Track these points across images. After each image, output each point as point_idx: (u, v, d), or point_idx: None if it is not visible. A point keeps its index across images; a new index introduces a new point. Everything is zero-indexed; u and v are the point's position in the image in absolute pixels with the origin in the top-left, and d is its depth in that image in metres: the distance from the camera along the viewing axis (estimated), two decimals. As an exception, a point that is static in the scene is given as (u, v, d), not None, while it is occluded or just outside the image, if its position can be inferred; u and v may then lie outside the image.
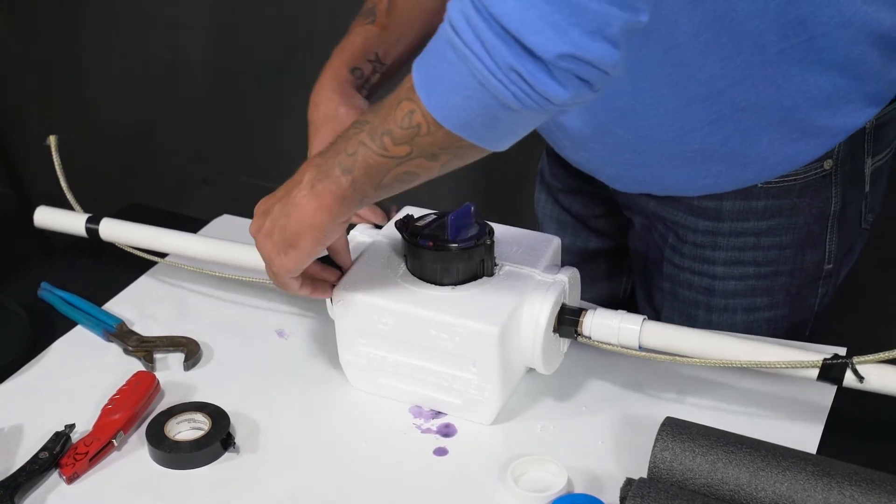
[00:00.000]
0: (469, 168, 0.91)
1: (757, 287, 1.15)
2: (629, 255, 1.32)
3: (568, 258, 1.29)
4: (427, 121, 0.84)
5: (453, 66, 0.80)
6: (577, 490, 0.94)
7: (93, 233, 1.27)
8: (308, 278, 1.01)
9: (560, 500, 0.91)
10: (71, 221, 1.28)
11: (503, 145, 0.86)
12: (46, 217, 1.30)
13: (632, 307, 1.27)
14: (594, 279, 1.35)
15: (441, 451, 1.00)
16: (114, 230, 1.26)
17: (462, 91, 0.81)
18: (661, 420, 0.93)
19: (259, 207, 0.98)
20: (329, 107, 1.09)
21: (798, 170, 1.07)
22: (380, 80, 1.15)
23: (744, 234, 1.12)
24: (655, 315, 1.25)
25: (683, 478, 0.89)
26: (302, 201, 0.92)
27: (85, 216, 1.27)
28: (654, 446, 0.91)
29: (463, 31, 0.78)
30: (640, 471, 0.93)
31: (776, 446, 0.90)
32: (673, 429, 0.92)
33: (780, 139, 1.04)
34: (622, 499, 0.89)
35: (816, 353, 0.94)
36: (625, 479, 0.91)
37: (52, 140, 1.30)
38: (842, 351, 1.06)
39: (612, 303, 1.22)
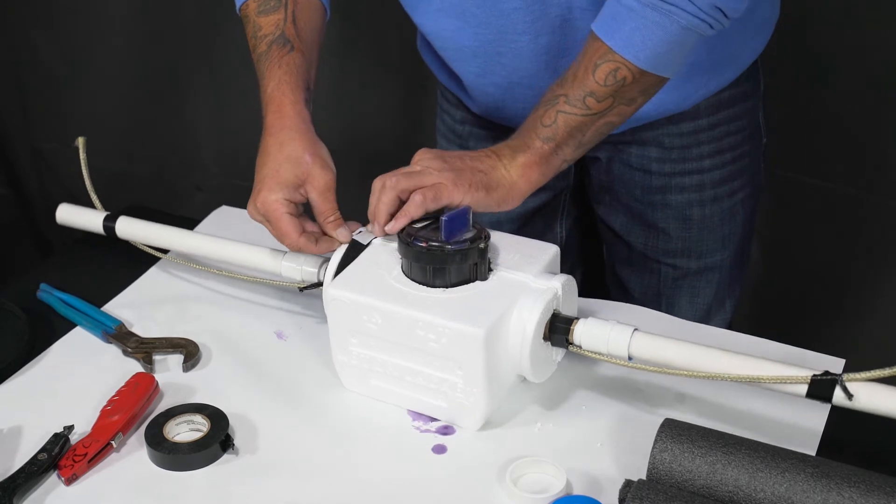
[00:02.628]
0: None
1: (734, 170, 1.32)
2: (563, 200, 1.43)
3: (508, 227, 1.36)
4: (633, 73, 1.03)
5: (657, 24, 1.00)
6: (576, 492, 0.94)
7: (110, 230, 1.28)
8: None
9: (559, 502, 0.91)
10: (89, 219, 1.30)
11: (677, 71, 1.07)
12: (68, 214, 1.32)
13: (573, 251, 1.47)
14: (532, 237, 1.40)
15: (440, 450, 1.00)
16: (130, 228, 1.27)
17: (668, 40, 1.01)
18: (660, 421, 0.93)
19: (427, 154, 1.06)
20: (295, 149, 1.10)
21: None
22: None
23: (719, 124, 1.29)
24: (647, 234, 1.36)
25: (682, 479, 0.89)
26: (508, 174, 1.06)
27: (103, 214, 1.29)
28: (653, 448, 0.91)
29: None
30: (639, 472, 0.93)
31: (775, 448, 0.90)
32: (672, 430, 0.92)
33: (747, 37, 1.25)
34: (621, 500, 0.89)
35: (808, 370, 0.93)
36: (624, 480, 0.91)
37: (80, 142, 1.32)
38: (839, 364, 1.07)
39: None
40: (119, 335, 1.16)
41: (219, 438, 1.00)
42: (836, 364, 1.08)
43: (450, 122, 1.41)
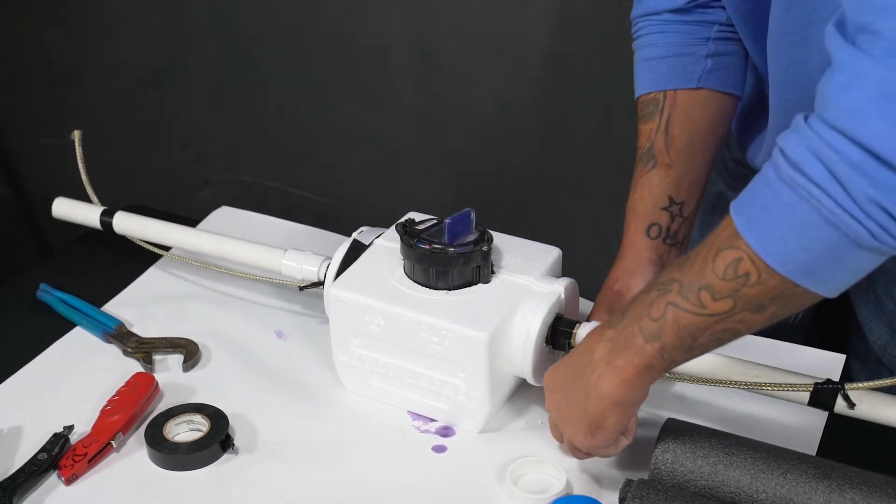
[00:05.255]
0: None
1: None
2: None
3: None
4: (758, 268, 0.76)
5: (792, 207, 0.73)
6: (577, 492, 0.94)
7: (107, 225, 1.27)
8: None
9: (559, 502, 0.91)
10: (86, 213, 1.29)
11: (840, 290, 0.77)
12: (64, 208, 1.31)
13: (807, 335, 1.21)
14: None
15: (440, 449, 1.00)
16: (127, 224, 1.27)
17: (804, 233, 0.73)
18: (660, 422, 0.93)
19: (547, 382, 0.94)
20: (623, 281, 1.05)
21: None
22: (683, 224, 1.07)
23: None
24: (889, 337, 1.10)
25: (684, 479, 0.89)
26: (599, 382, 0.86)
27: (100, 209, 1.28)
28: (656, 448, 0.91)
29: (808, 165, 0.71)
30: (640, 472, 0.93)
31: (777, 448, 0.90)
32: (674, 430, 0.91)
33: None
34: (621, 500, 0.89)
35: (810, 378, 0.93)
36: (624, 480, 0.90)
37: (76, 134, 1.31)
38: (839, 361, 1.07)
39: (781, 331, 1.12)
40: (119, 335, 1.16)
41: (219, 438, 1.00)
42: (836, 361, 1.07)
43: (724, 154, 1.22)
